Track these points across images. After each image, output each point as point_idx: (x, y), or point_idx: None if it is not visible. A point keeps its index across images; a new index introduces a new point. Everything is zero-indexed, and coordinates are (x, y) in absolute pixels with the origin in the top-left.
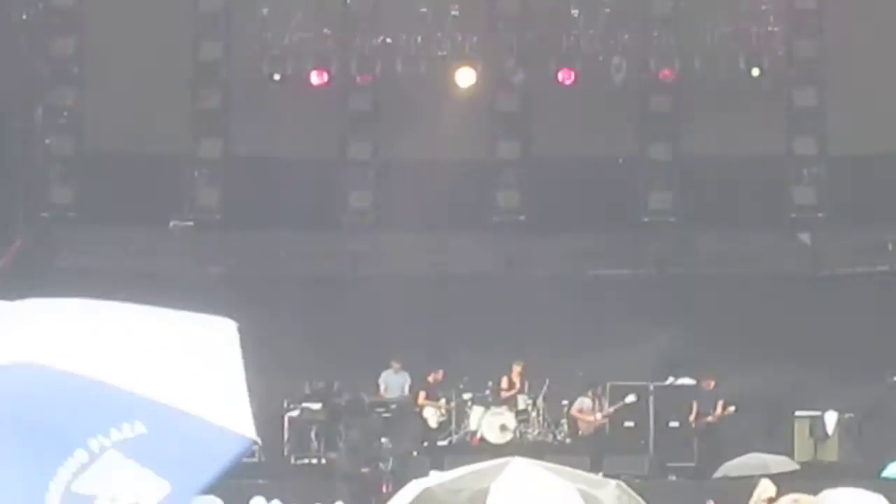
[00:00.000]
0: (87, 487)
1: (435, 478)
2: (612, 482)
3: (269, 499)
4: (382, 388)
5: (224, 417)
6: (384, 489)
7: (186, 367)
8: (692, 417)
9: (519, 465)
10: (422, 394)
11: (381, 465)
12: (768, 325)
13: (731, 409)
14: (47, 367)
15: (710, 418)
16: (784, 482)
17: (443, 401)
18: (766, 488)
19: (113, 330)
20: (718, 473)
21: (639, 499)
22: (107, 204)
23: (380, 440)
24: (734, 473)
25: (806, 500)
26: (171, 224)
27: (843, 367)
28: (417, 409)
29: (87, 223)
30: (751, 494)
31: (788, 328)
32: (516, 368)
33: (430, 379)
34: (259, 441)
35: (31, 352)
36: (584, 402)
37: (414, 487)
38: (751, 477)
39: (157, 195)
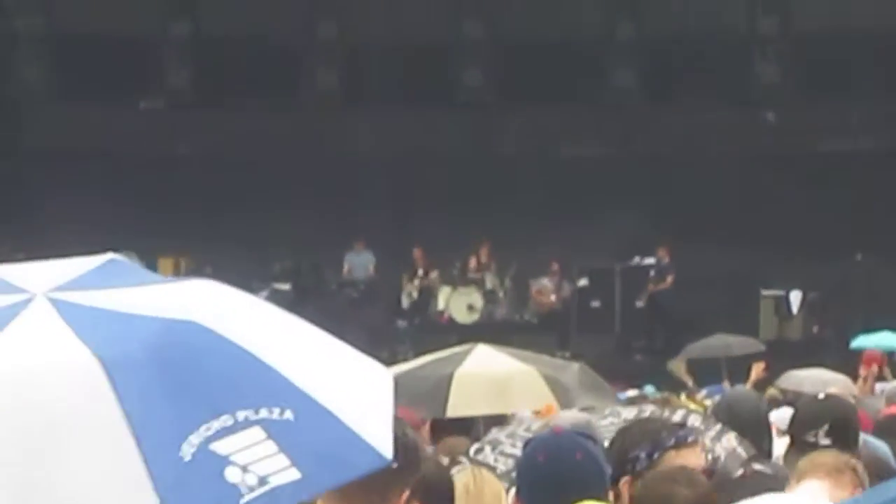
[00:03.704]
0: (225, 449)
1: (399, 367)
2: (576, 365)
3: None
4: (346, 268)
5: (368, 432)
6: None
7: (341, 378)
8: (649, 292)
9: (482, 352)
10: (404, 276)
11: (400, 347)
12: (733, 204)
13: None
14: (210, 330)
15: (660, 286)
16: (749, 362)
17: (416, 281)
18: (677, 368)
19: (279, 323)
20: (682, 356)
21: (601, 380)
22: (77, 84)
23: (396, 322)
24: (697, 355)
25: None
26: (142, 105)
27: (807, 245)
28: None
29: (58, 103)
30: (713, 373)
31: (753, 206)
32: (483, 248)
33: (414, 256)
34: (394, 462)
35: (196, 314)
36: (543, 282)
37: None
38: (714, 359)
39: (128, 76)
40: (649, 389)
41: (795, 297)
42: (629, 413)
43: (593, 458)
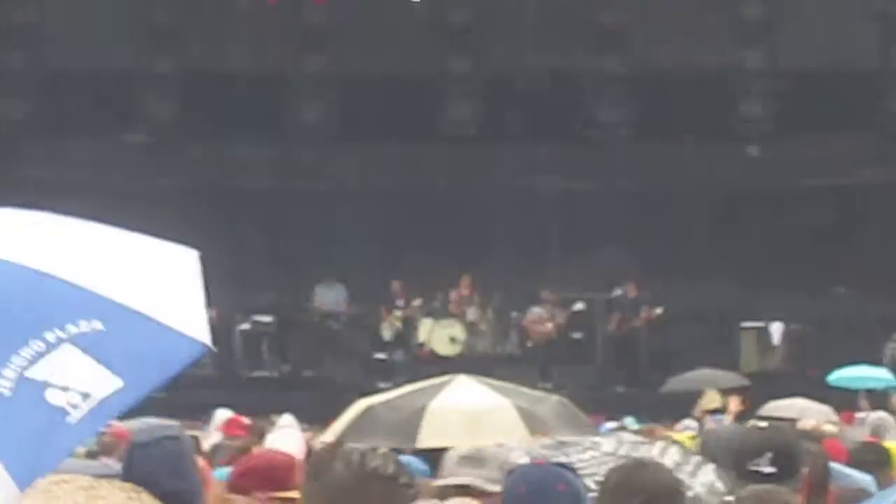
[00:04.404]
0: (41, 375)
1: (380, 396)
2: (554, 398)
3: None
4: (316, 300)
5: (180, 323)
6: None
7: (145, 275)
8: (612, 326)
9: (460, 383)
10: (384, 308)
11: (398, 379)
12: (715, 238)
13: (658, 311)
14: (4, 260)
15: (635, 323)
16: (732, 395)
17: (397, 312)
18: (710, 399)
19: (72, 236)
20: (666, 388)
21: (579, 413)
22: (62, 118)
23: (380, 354)
24: (681, 387)
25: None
26: (126, 139)
27: (789, 278)
28: (380, 322)
29: (43, 137)
30: (696, 405)
31: (735, 240)
32: (464, 280)
33: (393, 288)
34: (213, 347)
35: None
36: (536, 311)
37: (359, 405)
38: (696, 391)
39: (113, 109)
40: (629, 421)
41: (776, 329)
42: (609, 445)
43: (575, 489)
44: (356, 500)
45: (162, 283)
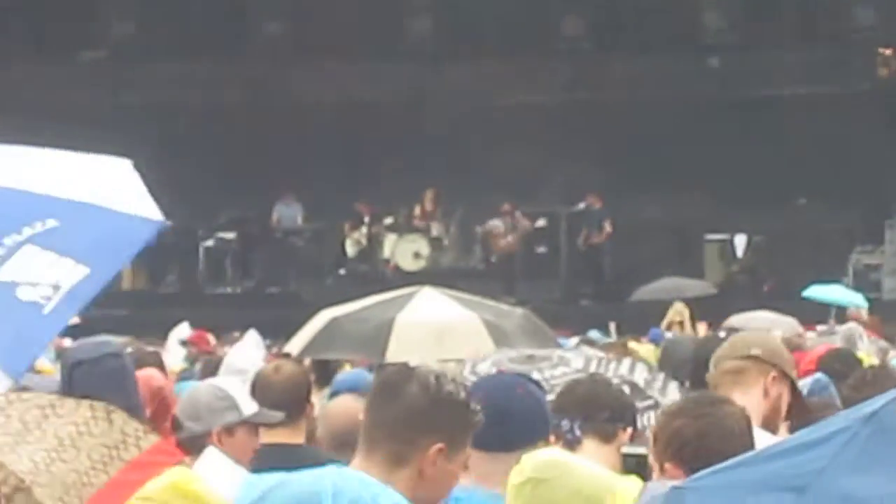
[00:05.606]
0: (7, 276)
1: (344, 307)
2: (519, 311)
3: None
4: (275, 218)
5: (131, 207)
6: None
7: (90, 176)
8: (581, 241)
9: (426, 296)
10: (347, 224)
11: (359, 295)
12: (679, 150)
13: (608, 228)
14: None
15: (595, 239)
16: (698, 305)
17: (363, 229)
18: (678, 311)
19: (15, 154)
20: (634, 298)
21: (544, 327)
22: (17, 38)
23: (354, 270)
24: (648, 297)
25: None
26: (83, 56)
27: (752, 190)
28: (342, 238)
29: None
30: (664, 316)
31: (699, 152)
32: (429, 195)
33: (359, 209)
34: (168, 222)
35: None
36: (496, 223)
37: (323, 316)
38: (663, 300)
39: (69, 27)
40: (594, 335)
41: (740, 241)
42: (578, 362)
43: (535, 396)
44: (429, 422)
45: (106, 180)
